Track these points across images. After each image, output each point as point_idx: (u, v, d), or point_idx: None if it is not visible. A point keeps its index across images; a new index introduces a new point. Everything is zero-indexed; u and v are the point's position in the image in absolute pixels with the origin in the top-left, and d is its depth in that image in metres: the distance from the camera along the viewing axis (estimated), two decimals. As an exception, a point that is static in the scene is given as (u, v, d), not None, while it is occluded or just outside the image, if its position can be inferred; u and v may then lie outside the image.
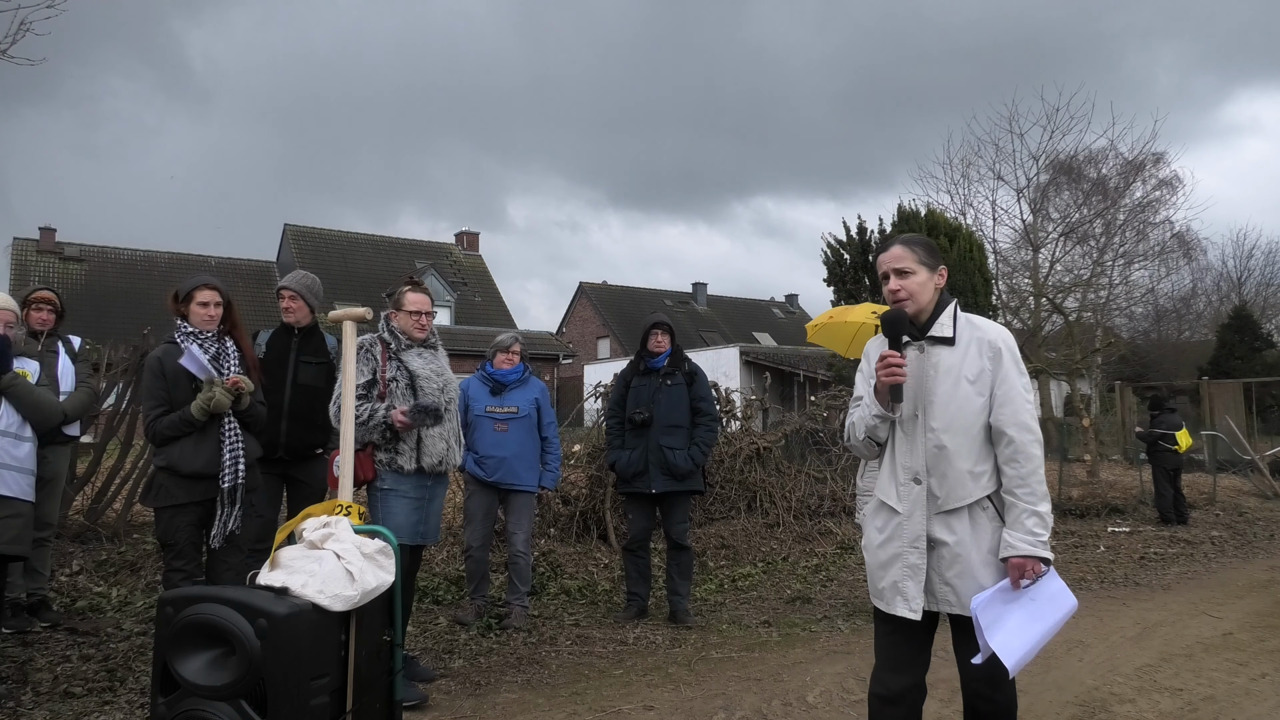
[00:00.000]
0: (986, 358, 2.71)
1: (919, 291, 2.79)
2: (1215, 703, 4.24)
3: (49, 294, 5.16)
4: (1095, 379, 27.81)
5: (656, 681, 4.50)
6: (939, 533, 2.72)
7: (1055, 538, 9.44)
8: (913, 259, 2.80)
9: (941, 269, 2.84)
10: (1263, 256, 34.74)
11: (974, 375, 2.71)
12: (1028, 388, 2.72)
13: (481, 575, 5.64)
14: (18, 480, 3.96)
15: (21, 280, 29.95)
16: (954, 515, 2.71)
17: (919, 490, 2.74)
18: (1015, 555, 2.59)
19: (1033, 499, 2.62)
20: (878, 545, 2.84)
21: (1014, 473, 2.65)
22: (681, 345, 6.09)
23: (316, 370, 4.87)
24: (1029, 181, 20.55)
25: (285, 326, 4.98)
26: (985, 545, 2.68)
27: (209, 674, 2.69)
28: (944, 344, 2.76)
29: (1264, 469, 14.35)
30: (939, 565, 2.72)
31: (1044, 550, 2.60)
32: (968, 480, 2.69)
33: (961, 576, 2.68)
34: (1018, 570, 2.59)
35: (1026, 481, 2.63)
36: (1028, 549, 2.58)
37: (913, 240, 2.87)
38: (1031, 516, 2.60)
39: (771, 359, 26.37)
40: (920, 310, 2.81)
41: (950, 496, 2.70)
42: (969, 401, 2.70)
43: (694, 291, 49.90)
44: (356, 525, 3.12)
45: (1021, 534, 2.59)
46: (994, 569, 2.64)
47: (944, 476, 2.71)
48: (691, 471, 5.66)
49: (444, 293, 34.90)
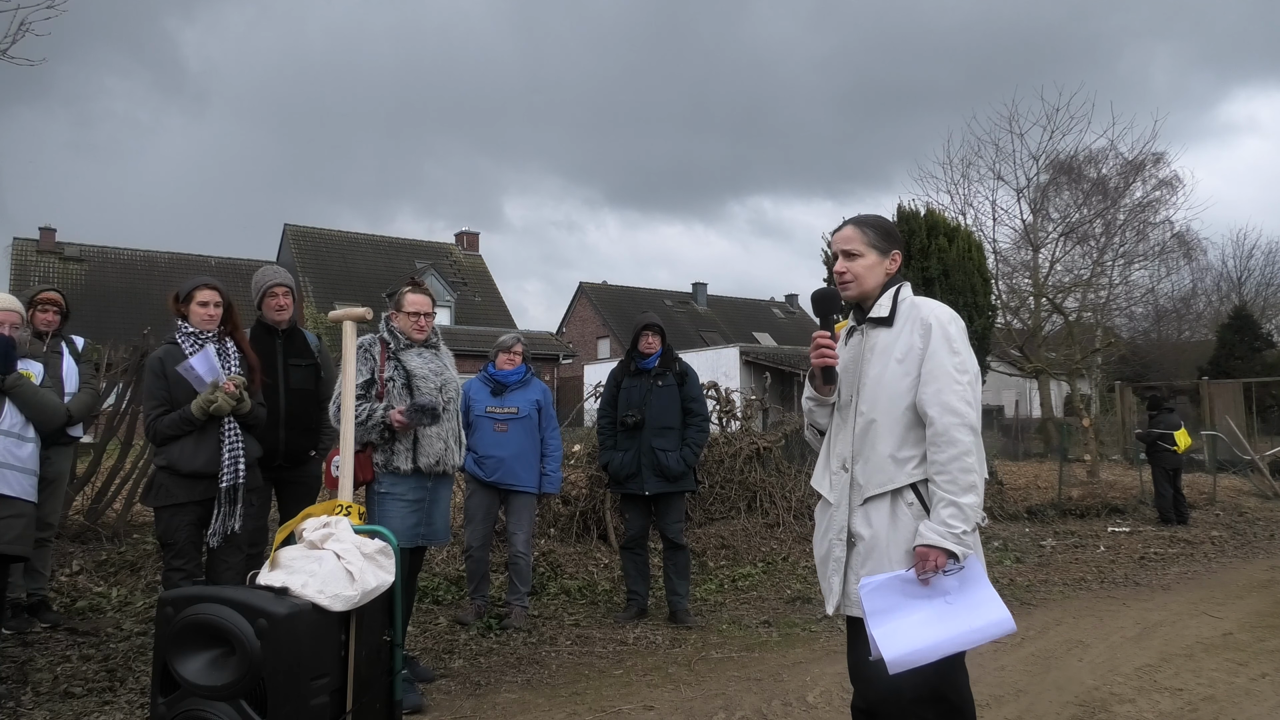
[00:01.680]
0: (918, 335, 2.55)
1: (864, 275, 2.66)
2: (1215, 703, 4.24)
3: (55, 295, 5.15)
4: (1095, 379, 27.83)
5: (656, 681, 4.50)
6: (858, 525, 2.57)
7: (1055, 537, 9.47)
8: (861, 241, 2.67)
9: (895, 253, 2.68)
10: (1263, 256, 34.79)
11: (902, 354, 2.56)
12: (962, 369, 2.50)
13: (481, 575, 5.64)
14: (20, 480, 3.97)
15: (22, 280, 29.95)
16: (874, 507, 2.54)
17: (846, 479, 2.61)
18: (921, 543, 2.42)
19: (952, 488, 2.41)
20: (816, 540, 2.73)
21: (935, 458, 2.45)
22: (680, 345, 6.10)
23: (305, 372, 4.73)
24: (1029, 181, 20.59)
25: (265, 328, 4.71)
26: (904, 543, 2.49)
27: (209, 674, 2.69)
28: (882, 325, 2.64)
29: (1264, 469, 14.35)
30: (855, 561, 2.57)
31: (952, 543, 2.39)
32: (889, 464, 2.53)
33: (874, 574, 2.50)
34: (920, 559, 2.41)
35: (947, 468, 2.43)
36: (934, 538, 2.39)
37: (865, 221, 2.72)
38: (948, 506, 2.40)
39: (771, 359, 26.36)
40: (865, 294, 2.67)
41: (871, 482, 2.55)
42: (896, 381, 2.55)
43: (694, 291, 49.91)
44: (356, 525, 3.13)
45: (934, 523, 2.41)
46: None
47: (867, 461, 2.56)
48: (684, 473, 5.66)
49: (444, 293, 34.89)
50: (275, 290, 4.68)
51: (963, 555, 2.41)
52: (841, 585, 2.60)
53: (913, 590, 2.43)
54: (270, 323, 4.72)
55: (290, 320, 4.78)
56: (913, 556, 2.45)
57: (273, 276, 4.76)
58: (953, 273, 17.45)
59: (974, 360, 2.56)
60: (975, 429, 2.47)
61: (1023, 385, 27.33)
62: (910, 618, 2.39)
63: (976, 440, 2.47)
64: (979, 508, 2.45)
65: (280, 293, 4.69)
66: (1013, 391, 28.87)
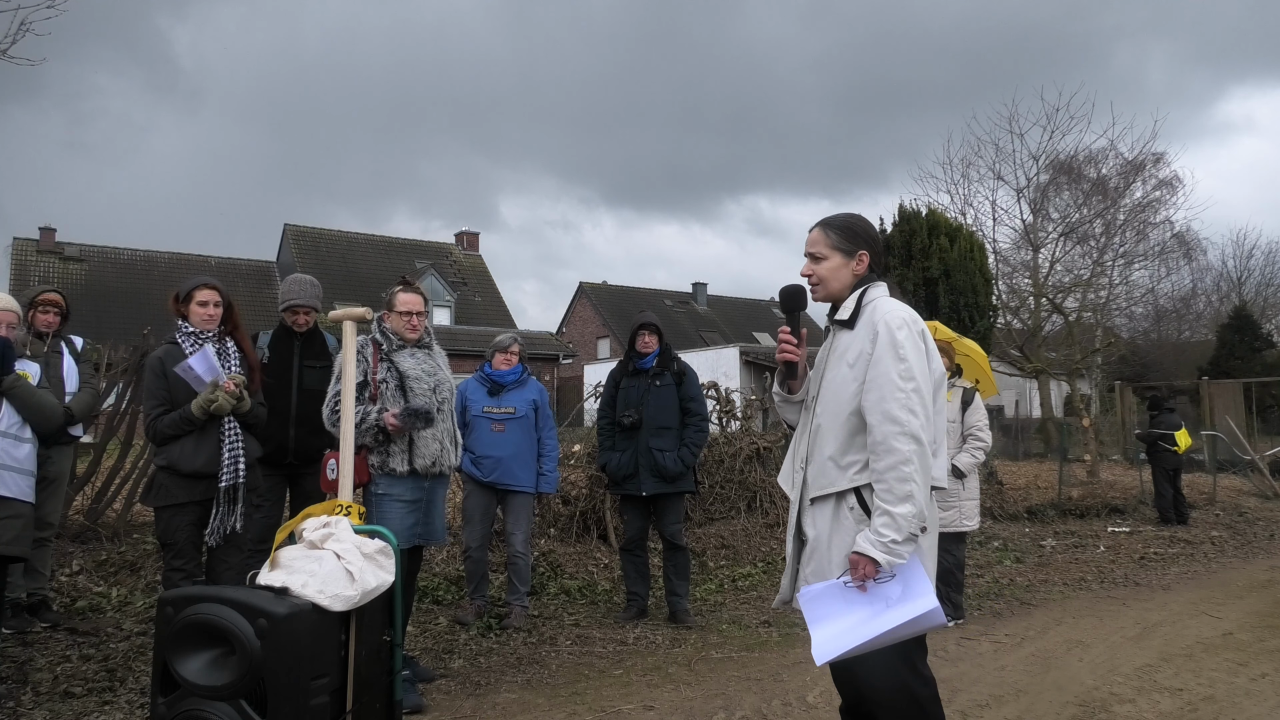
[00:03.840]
0: (868, 340, 2.53)
1: (829, 277, 2.66)
2: (1215, 703, 4.24)
3: (55, 295, 5.15)
4: (1095, 379, 27.85)
5: (656, 681, 4.50)
6: (806, 525, 2.60)
7: (1055, 537, 9.47)
8: (825, 243, 2.67)
9: (861, 254, 2.66)
10: (1263, 256, 34.82)
11: (854, 358, 2.55)
12: (906, 375, 2.45)
13: (481, 575, 5.64)
14: (18, 481, 3.97)
15: (22, 280, 29.94)
16: (819, 508, 2.57)
17: (801, 478, 2.64)
18: (854, 550, 2.43)
19: (888, 497, 2.39)
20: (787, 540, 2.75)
21: (874, 465, 2.44)
22: (680, 345, 6.11)
23: (321, 374, 4.77)
24: (1029, 181, 20.59)
25: (286, 330, 4.91)
26: (844, 546, 2.49)
27: (209, 674, 2.69)
28: (845, 327, 2.64)
29: (1264, 469, 14.35)
30: (802, 561, 2.60)
31: (880, 552, 2.37)
32: (831, 468, 2.53)
33: (816, 575, 2.54)
34: (852, 565, 2.42)
35: (884, 477, 2.41)
36: (864, 546, 2.39)
37: (831, 223, 2.71)
38: (882, 515, 2.39)
39: (772, 359, 26.26)
40: (831, 296, 2.68)
41: (814, 483, 2.57)
42: (844, 385, 2.55)
43: (694, 291, 49.91)
44: (356, 525, 3.13)
45: (868, 530, 2.41)
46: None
47: (814, 462, 2.59)
48: (682, 473, 5.65)
49: (444, 293, 34.90)
50: (297, 310, 4.85)
51: (888, 565, 2.39)
52: (791, 583, 2.65)
53: (852, 596, 2.42)
54: (290, 325, 4.92)
55: (312, 324, 4.96)
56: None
57: (298, 295, 4.86)
58: (954, 273, 17.48)
59: (923, 366, 2.50)
60: (916, 437, 2.42)
61: (1023, 385, 27.34)
62: (845, 619, 2.41)
63: (918, 449, 2.42)
64: (915, 517, 2.40)
65: (301, 312, 4.86)
66: (1013, 391, 28.87)
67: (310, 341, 4.92)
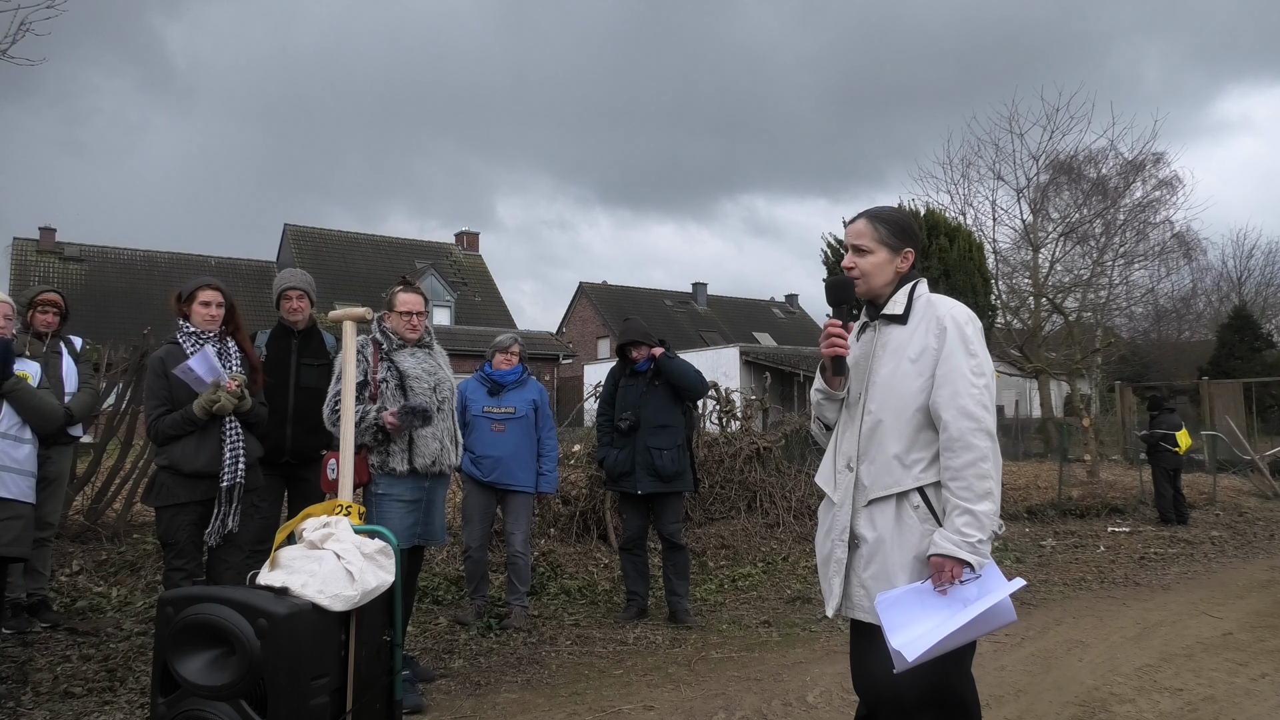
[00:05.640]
0: (933, 335, 2.46)
1: (873, 272, 2.57)
2: (1215, 703, 4.24)
3: (55, 296, 5.15)
4: (1095, 379, 27.84)
5: (656, 681, 4.50)
6: (862, 527, 2.49)
7: (1055, 537, 9.47)
8: (872, 237, 2.58)
9: (907, 251, 2.59)
10: (1263, 256, 34.86)
11: (916, 353, 2.47)
12: (978, 371, 2.41)
13: (481, 575, 5.64)
14: (17, 482, 3.97)
15: (21, 280, 29.94)
16: (879, 509, 2.46)
17: (851, 479, 2.52)
18: (936, 553, 2.34)
19: (967, 495, 2.33)
20: (819, 540, 2.66)
21: (949, 463, 2.37)
22: (680, 345, 6.13)
23: (318, 372, 4.80)
24: (1029, 181, 20.56)
25: (284, 328, 4.91)
26: (910, 548, 2.41)
27: (209, 674, 2.69)
28: (896, 323, 2.55)
29: (1264, 469, 14.36)
30: (857, 564, 2.49)
31: (967, 552, 2.30)
32: (895, 466, 2.44)
33: (877, 579, 2.43)
34: (936, 569, 2.34)
35: (961, 474, 2.34)
36: (949, 548, 2.31)
37: (879, 216, 2.62)
38: (963, 514, 2.32)
39: (771, 359, 26.37)
40: (871, 292, 2.59)
41: (876, 483, 2.46)
42: (907, 381, 2.46)
43: (694, 291, 49.92)
44: (356, 525, 3.12)
45: (949, 531, 2.34)
46: (916, 575, 2.39)
47: (873, 461, 2.48)
48: (679, 472, 5.65)
49: (444, 293, 34.91)
50: (289, 293, 4.90)
51: (978, 565, 2.34)
52: (843, 587, 2.53)
53: (931, 601, 2.35)
54: (287, 323, 4.92)
55: (309, 321, 4.98)
56: (918, 561, 2.39)
57: (289, 279, 4.97)
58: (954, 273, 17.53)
59: (990, 362, 2.49)
60: (992, 434, 2.38)
61: (1023, 385, 27.35)
62: (926, 622, 2.32)
63: (993, 445, 2.39)
64: (995, 515, 2.37)
65: (294, 295, 4.90)
66: (1013, 391, 28.90)
67: (308, 340, 4.93)
